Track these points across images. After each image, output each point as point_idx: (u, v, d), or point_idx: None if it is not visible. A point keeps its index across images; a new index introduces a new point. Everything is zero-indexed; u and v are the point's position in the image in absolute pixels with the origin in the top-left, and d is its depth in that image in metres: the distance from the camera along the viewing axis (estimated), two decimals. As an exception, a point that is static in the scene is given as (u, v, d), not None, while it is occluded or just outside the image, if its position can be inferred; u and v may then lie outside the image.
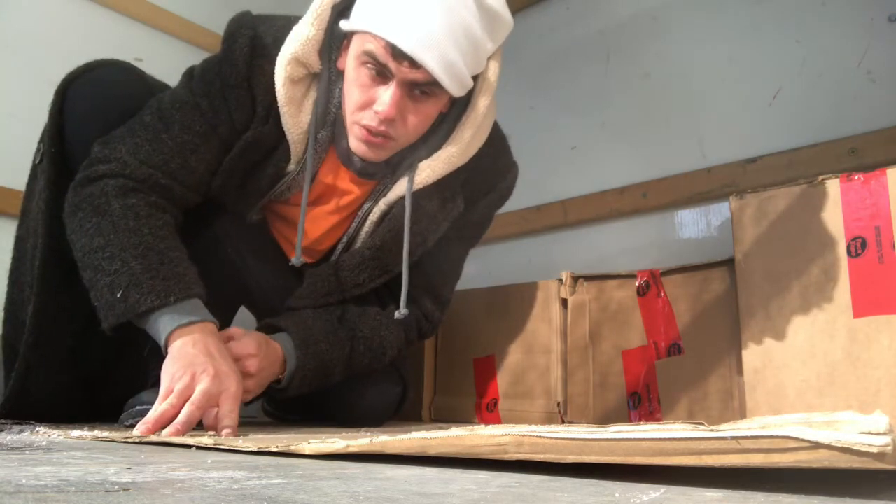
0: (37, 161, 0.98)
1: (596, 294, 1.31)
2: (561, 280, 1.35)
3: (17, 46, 1.44)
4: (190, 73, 0.98)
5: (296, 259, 1.01)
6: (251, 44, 0.94)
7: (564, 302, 1.35)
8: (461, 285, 1.25)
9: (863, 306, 0.94)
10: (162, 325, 0.85)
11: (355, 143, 0.95)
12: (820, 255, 0.98)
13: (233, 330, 0.95)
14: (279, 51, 0.93)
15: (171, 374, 0.81)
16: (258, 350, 0.93)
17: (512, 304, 1.42)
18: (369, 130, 0.92)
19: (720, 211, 1.41)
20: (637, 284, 1.25)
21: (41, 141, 0.97)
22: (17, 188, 1.07)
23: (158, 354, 0.88)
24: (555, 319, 1.35)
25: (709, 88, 1.48)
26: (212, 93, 0.95)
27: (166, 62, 1.24)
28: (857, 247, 0.95)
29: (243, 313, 1.27)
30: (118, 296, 0.84)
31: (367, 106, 0.91)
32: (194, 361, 0.82)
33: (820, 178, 1.00)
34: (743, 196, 1.08)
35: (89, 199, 0.90)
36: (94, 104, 0.96)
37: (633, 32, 1.64)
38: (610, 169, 1.61)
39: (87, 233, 0.88)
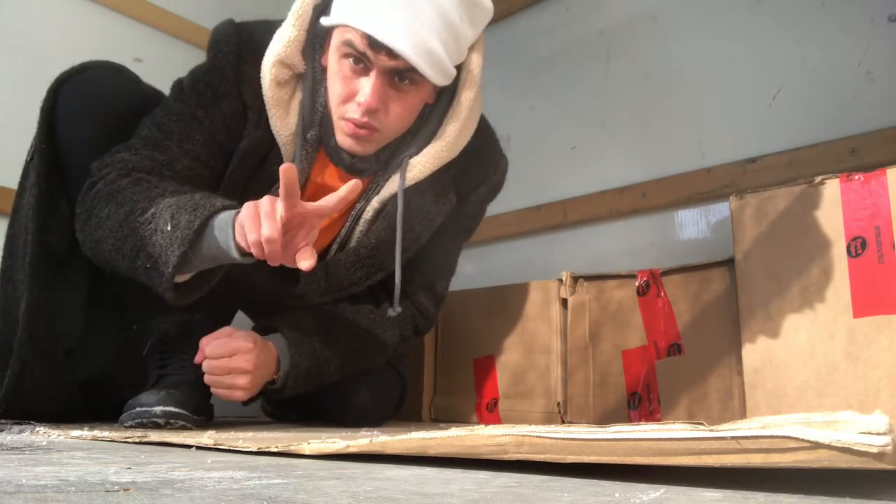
0: (29, 158, 0.98)
1: (596, 294, 1.31)
2: (561, 280, 1.35)
3: (17, 46, 1.44)
4: (179, 86, 0.99)
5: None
6: (237, 51, 0.95)
7: (564, 302, 1.35)
8: (461, 285, 1.25)
9: (863, 306, 0.93)
10: (223, 222, 0.82)
11: (342, 138, 0.95)
12: (820, 255, 0.98)
13: (227, 329, 0.95)
14: (263, 55, 0.94)
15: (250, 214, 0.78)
16: (255, 346, 0.93)
17: (512, 305, 1.42)
18: (354, 123, 0.92)
19: (720, 211, 1.41)
20: (637, 284, 1.25)
21: (35, 139, 0.97)
22: (15, 188, 1.07)
23: (158, 354, 0.88)
24: (555, 319, 1.35)
25: (709, 88, 1.48)
26: (205, 102, 0.95)
27: (166, 62, 1.24)
28: (857, 247, 0.95)
29: (241, 317, 1.27)
30: (168, 229, 0.81)
31: (350, 98, 0.92)
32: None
33: (820, 178, 1.00)
34: (743, 196, 1.08)
35: (96, 195, 0.89)
36: (86, 104, 0.96)
37: (633, 32, 1.64)
38: (610, 169, 1.61)
39: (109, 218, 0.86)
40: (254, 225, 0.78)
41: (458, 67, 0.97)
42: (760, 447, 0.39)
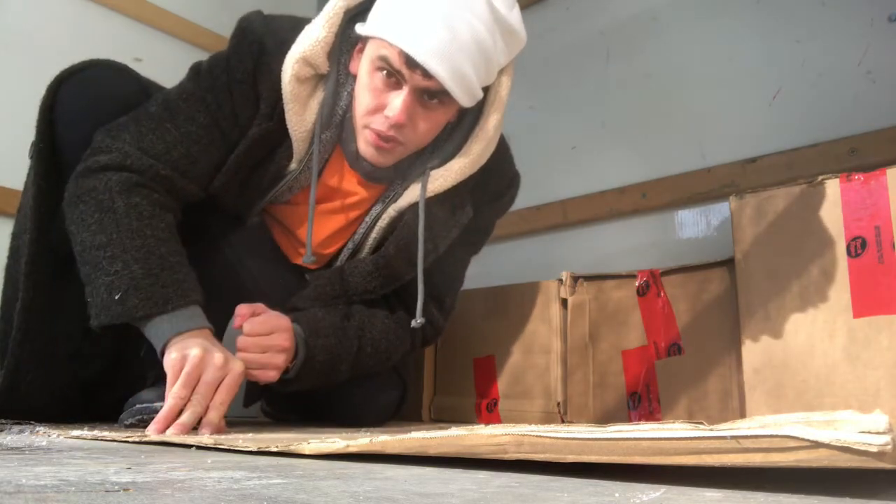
0: (31, 156, 0.99)
1: (595, 294, 1.31)
2: (561, 280, 1.35)
3: (17, 46, 1.44)
4: (197, 68, 0.99)
5: (306, 257, 1.01)
6: (260, 41, 0.95)
7: (564, 302, 1.35)
8: (461, 285, 1.25)
9: (863, 306, 0.93)
10: (160, 331, 0.85)
11: (364, 147, 0.96)
12: (820, 255, 0.98)
13: (261, 305, 0.96)
14: (287, 50, 0.94)
15: (176, 363, 0.82)
16: (290, 326, 0.95)
17: (512, 305, 1.42)
18: (379, 135, 0.93)
19: (720, 211, 1.41)
20: (637, 284, 1.25)
21: (35, 138, 0.98)
22: (16, 188, 1.06)
23: (156, 353, 0.88)
24: (554, 319, 1.35)
25: (709, 88, 1.48)
26: (217, 87, 0.96)
27: (166, 62, 1.24)
28: (857, 247, 0.95)
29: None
30: (116, 297, 0.84)
31: (378, 110, 0.92)
32: (197, 352, 0.83)
33: (820, 178, 1.00)
34: (743, 196, 1.08)
35: (92, 192, 0.89)
36: (85, 103, 0.96)
37: (633, 32, 1.64)
38: (610, 169, 1.61)
39: (90, 228, 0.88)
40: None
41: (486, 88, 0.98)
42: (760, 446, 0.39)
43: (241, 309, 0.94)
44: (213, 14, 1.75)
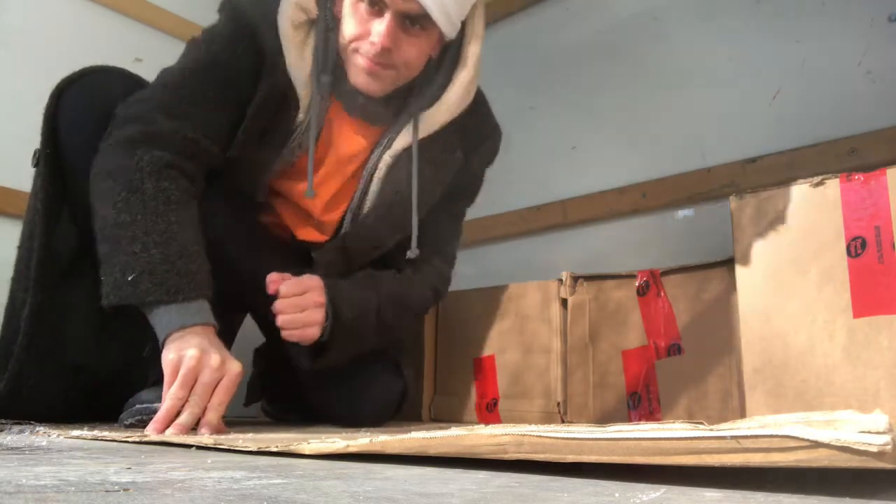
0: (34, 164, 0.99)
1: (595, 294, 1.31)
2: (561, 280, 1.35)
3: (18, 46, 1.44)
4: (196, 40, 1.02)
5: (307, 192, 1.02)
6: (252, 3, 0.99)
7: (564, 302, 1.35)
8: (461, 285, 1.25)
9: (863, 306, 0.93)
10: (165, 320, 0.85)
11: (356, 76, 0.99)
12: (820, 255, 0.98)
13: (286, 275, 0.99)
14: (279, 3, 0.98)
15: (173, 364, 0.83)
16: (321, 283, 0.98)
17: (512, 305, 1.42)
18: (370, 59, 0.96)
19: (720, 211, 1.41)
20: (637, 284, 1.25)
21: (40, 144, 0.98)
22: (16, 188, 1.07)
23: (158, 354, 0.88)
24: (554, 319, 1.35)
25: (709, 88, 1.48)
26: (224, 50, 0.99)
27: (166, 62, 1.24)
28: (857, 247, 0.95)
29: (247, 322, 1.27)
30: (129, 279, 0.84)
31: (364, 37, 0.96)
32: (194, 353, 0.84)
33: (820, 178, 1.00)
34: (743, 196, 1.08)
35: (123, 171, 0.90)
36: (87, 109, 0.97)
37: (633, 32, 1.64)
38: (610, 169, 1.61)
39: (116, 205, 0.88)
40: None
41: (463, 25, 1.02)
42: (760, 446, 0.39)
43: (272, 276, 0.97)
44: (212, 14, 1.74)
